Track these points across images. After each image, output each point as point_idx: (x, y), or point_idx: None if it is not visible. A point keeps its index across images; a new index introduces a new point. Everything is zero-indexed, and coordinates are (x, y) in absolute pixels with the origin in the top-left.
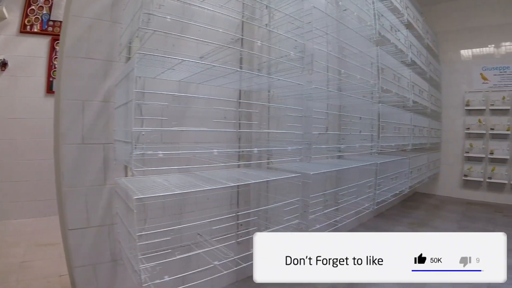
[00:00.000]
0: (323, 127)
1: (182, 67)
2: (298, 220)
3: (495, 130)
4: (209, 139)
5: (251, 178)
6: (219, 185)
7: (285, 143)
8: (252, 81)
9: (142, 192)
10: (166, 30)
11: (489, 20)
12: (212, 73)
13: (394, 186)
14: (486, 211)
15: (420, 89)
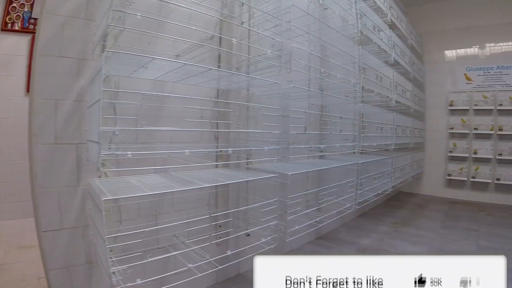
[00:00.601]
0: (302, 126)
1: (155, 66)
2: (277, 221)
3: (478, 130)
4: (185, 139)
5: (227, 179)
6: (193, 186)
7: (264, 143)
8: (229, 80)
9: (112, 194)
10: (142, 28)
11: (473, 21)
12: (188, 71)
13: (377, 186)
14: (469, 210)
15: (404, 89)
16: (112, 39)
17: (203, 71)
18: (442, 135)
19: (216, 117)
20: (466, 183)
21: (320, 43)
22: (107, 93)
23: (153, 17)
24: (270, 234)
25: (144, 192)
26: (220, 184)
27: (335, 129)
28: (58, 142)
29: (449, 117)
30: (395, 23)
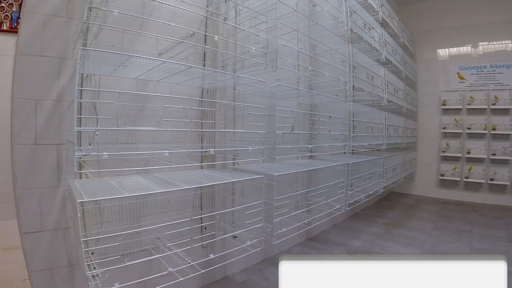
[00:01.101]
0: (288, 126)
1: (134, 64)
2: (263, 223)
3: (471, 129)
4: (169, 139)
5: (210, 180)
6: (172, 188)
7: (250, 143)
8: (213, 78)
9: (89, 195)
10: (124, 26)
11: (466, 20)
12: (169, 69)
13: (368, 187)
14: (462, 211)
15: (395, 88)
16: (92, 37)
17: (184, 69)
18: (435, 134)
19: (201, 117)
20: (459, 183)
21: (309, 41)
22: (88, 92)
23: (132, 14)
24: (256, 237)
25: (122, 194)
26: (202, 185)
27: (324, 128)
28: (38, 142)
29: (442, 116)
30: (387, 21)
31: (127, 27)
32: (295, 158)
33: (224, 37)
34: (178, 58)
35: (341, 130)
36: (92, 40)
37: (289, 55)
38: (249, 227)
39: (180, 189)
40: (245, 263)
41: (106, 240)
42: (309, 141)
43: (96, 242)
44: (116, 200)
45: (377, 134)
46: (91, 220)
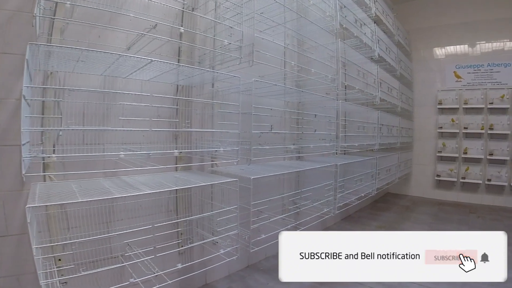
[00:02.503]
0: (267, 125)
1: (92, 59)
2: (238, 230)
3: (468, 129)
4: (139, 139)
5: (177, 184)
6: (133, 193)
7: (229, 144)
8: (185, 74)
9: (44, 200)
10: (92, 20)
11: (463, 18)
12: (135, 65)
13: (360, 188)
14: (459, 212)
15: (389, 87)
16: (58, 32)
17: (145, 63)
18: (431, 134)
19: (175, 116)
20: (455, 184)
21: (296, 36)
22: (49, 90)
23: (91, 6)
24: (232, 244)
25: (75, 199)
26: (162, 190)
27: (308, 127)
28: (1, 143)
29: (438, 116)
30: (381, 18)
31: (96, 22)
32: (282, 159)
33: (202, 31)
34: (148, 53)
35: (329, 130)
36: (57, 35)
37: (273, 51)
38: (223, 234)
39: (133, 195)
40: (227, 269)
41: (72, 246)
42: (296, 141)
43: (64, 248)
44: (70, 205)
45: (369, 134)
46: (57, 225)
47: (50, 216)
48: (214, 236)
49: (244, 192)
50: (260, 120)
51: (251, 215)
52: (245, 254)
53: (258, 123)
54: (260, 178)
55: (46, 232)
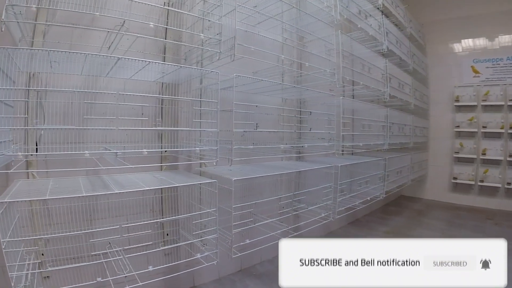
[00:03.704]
0: (252, 123)
1: (63, 59)
2: (217, 234)
3: (487, 128)
4: (121, 138)
5: (152, 184)
6: (102, 192)
7: (213, 143)
8: (162, 71)
9: (16, 197)
10: (73, 21)
11: (480, 9)
12: (122, 64)
13: (367, 191)
14: (475, 218)
15: (401, 83)
16: (40, 35)
17: (115, 62)
18: (447, 134)
19: (160, 114)
20: (473, 188)
21: (294, 30)
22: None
23: (61, 8)
24: (211, 249)
25: (41, 196)
26: (133, 190)
27: (306, 126)
28: None
29: (455, 114)
30: (390, 9)
31: (78, 22)
32: (280, 159)
33: (187, 27)
34: (132, 51)
35: (328, 128)
36: (39, 38)
37: (269, 45)
38: (203, 237)
39: (93, 195)
40: (217, 273)
41: (58, 242)
42: (296, 141)
43: (46, 244)
44: (52, 202)
45: (377, 133)
46: (39, 221)
47: (34, 212)
48: (195, 239)
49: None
50: (246, 118)
51: (232, 219)
52: (239, 257)
53: (244, 121)
54: (244, 179)
55: (29, 227)
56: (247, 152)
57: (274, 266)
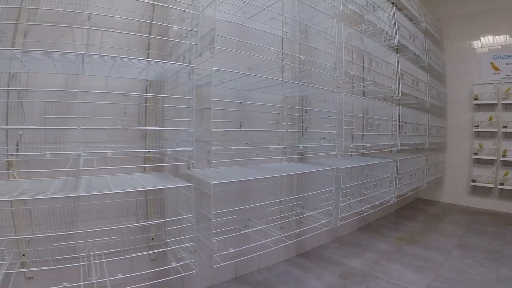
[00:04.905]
0: (234, 122)
1: (34, 58)
2: (195, 242)
3: (508, 128)
4: (103, 138)
5: (120, 187)
6: (71, 194)
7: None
8: (141, 67)
9: None
10: (55, 20)
11: (499, 2)
12: (90, 60)
13: (377, 195)
14: (495, 224)
15: (415, 79)
16: (21, 35)
17: (80, 59)
18: (466, 134)
19: (144, 113)
20: (493, 191)
21: (294, 23)
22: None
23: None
24: (190, 257)
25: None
26: (102, 193)
27: (302, 125)
28: None
29: (474, 113)
30: (402, 1)
31: (60, 20)
32: (279, 160)
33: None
34: (114, 48)
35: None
36: (21, 38)
37: (268, 39)
38: (181, 245)
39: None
40: (210, 279)
41: (35, 243)
42: (298, 141)
43: (27, 244)
44: (32, 203)
45: (388, 133)
46: (20, 222)
47: (15, 213)
48: (174, 246)
49: (228, 197)
50: (223, 116)
51: (212, 226)
52: (233, 264)
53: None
54: (217, 183)
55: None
56: (242, 153)
57: (272, 274)
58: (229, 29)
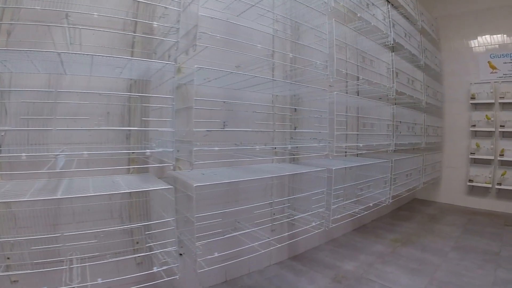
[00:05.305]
0: (218, 122)
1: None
2: (177, 246)
3: (506, 127)
4: (85, 139)
5: (99, 190)
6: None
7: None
8: (120, 65)
9: None
10: (39, 19)
11: (497, 1)
12: (67, 59)
13: (371, 196)
14: (492, 224)
15: (410, 78)
16: (4, 35)
17: (54, 58)
18: (463, 133)
19: (128, 113)
20: (490, 191)
21: (285, 21)
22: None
23: None
24: (173, 262)
25: None
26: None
27: (284, 125)
28: None
29: (471, 112)
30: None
31: (44, 19)
32: (270, 161)
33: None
34: (96, 47)
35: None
36: (4, 37)
37: (258, 37)
38: (162, 249)
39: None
40: (199, 283)
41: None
42: (288, 141)
43: (12, 247)
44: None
45: (382, 133)
46: (3, 224)
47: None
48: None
49: (215, 199)
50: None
51: (195, 230)
52: (223, 268)
53: (213, 119)
54: (199, 186)
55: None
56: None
57: (263, 278)
58: (216, 27)
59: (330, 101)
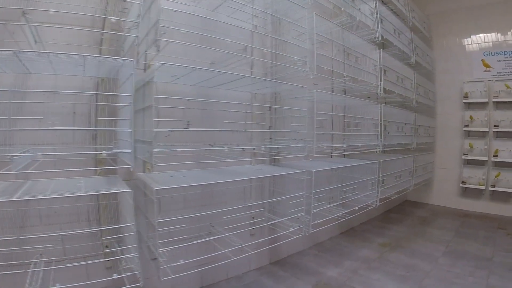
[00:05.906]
0: (182, 121)
1: None
2: (137, 252)
3: (500, 127)
4: (51, 140)
5: (64, 192)
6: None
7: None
8: (80, 63)
9: None
10: (4, 18)
11: None
12: (25, 57)
13: (358, 198)
14: (486, 227)
15: (399, 76)
16: None
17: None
18: (456, 133)
19: (95, 112)
20: (484, 193)
21: (265, 16)
22: None
23: None
24: (136, 268)
25: None
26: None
27: (263, 124)
28: None
29: (464, 111)
30: None
31: (9, 18)
32: (248, 163)
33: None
34: (63, 45)
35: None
36: None
37: (235, 33)
38: (125, 255)
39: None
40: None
41: None
42: (268, 141)
43: None
44: None
45: (369, 133)
46: None
47: None
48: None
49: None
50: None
51: (157, 236)
52: (199, 273)
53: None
54: (160, 189)
55: None
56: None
57: (241, 284)
58: (191, 22)
59: (311, 99)
